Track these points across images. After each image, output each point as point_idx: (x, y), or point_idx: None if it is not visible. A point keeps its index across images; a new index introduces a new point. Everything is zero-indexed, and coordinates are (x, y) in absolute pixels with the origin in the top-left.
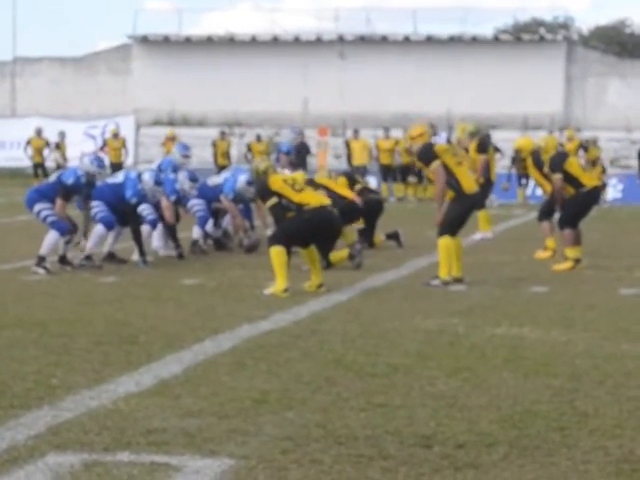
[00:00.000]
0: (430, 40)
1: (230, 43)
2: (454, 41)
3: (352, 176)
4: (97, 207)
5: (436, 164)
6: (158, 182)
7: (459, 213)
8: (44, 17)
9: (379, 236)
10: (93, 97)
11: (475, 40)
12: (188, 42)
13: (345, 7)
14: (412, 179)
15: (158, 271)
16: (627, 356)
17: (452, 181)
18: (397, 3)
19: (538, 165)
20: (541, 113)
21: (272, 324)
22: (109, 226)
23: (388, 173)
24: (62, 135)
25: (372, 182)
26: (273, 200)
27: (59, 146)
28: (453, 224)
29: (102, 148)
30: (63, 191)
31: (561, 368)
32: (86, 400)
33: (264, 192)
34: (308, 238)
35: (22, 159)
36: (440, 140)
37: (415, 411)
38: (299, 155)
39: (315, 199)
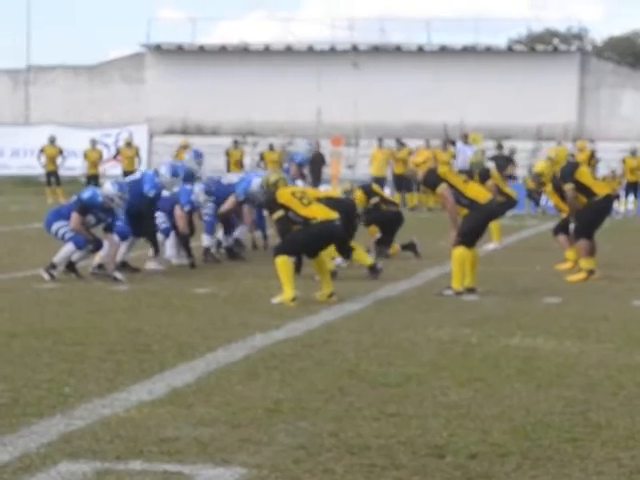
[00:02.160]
0: (444, 50)
1: (244, 52)
2: (468, 51)
3: (369, 189)
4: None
5: (442, 188)
6: (175, 174)
7: (476, 223)
8: (58, 26)
9: (395, 247)
10: (106, 106)
11: (489, 50)
12: (202, 51)
13: (359, 17)
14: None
15: (171, 280)
16: None
17: (463, 200)
18: (411, 13)
19: (559, 191)
20: (555, 124)
21: (285, 333)
22: (123, 237)
23: (402, 183)
24: (93, 142)
25: (387, 194)
26: (279, 213)
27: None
28: (470, 235)
29: (115, 157)
30: (79, 205)
31: (574, 379)
32: (99, 408)
33: (271, 204)
34: (313, 250)
35: (35, 167)
36: (465, 151)
37: (428, 421)
38: (314, 166)
39: (322, 213)
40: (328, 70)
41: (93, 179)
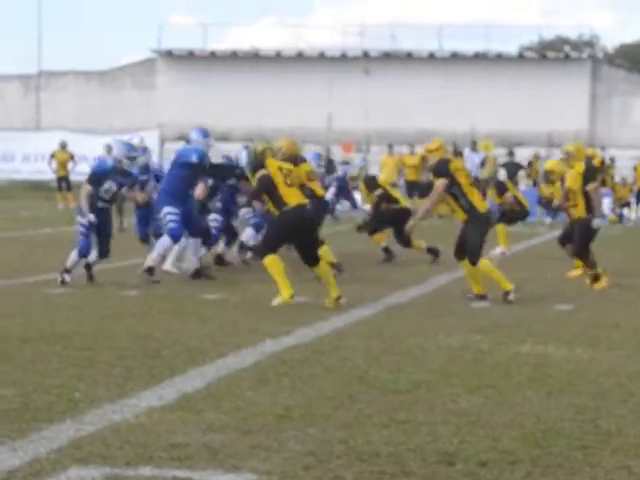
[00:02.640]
0: (455, 57)
1: (255, 58)
2: (479, 58)
3: (372, 181)
4: (170, 214)
5: (441, 181)
6: (205, 135)
7: (479, 235)
8: (69, 31)
9: (420, 243)
10: (117, 111)
11: (500, 57)
12: (213, 57)
13: (370, 23)
14: None
15: (181, 285)
16: None
17: (464, 201)
18: (422, 19)
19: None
20: (566, 131)
21: (295, 340)
22: (176, 239)
23: (414, 189)
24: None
25: None
26: (263, 171)
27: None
28: (479, 249)
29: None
30: (91, 176)
31: (585, 386)
32: (109, 414)
33: (258, 167)
34: (290, 239)
35: (46, 172)
36: (473, 158)
37: (438, 428)
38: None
39: (295, 199)
40: (339, 76)
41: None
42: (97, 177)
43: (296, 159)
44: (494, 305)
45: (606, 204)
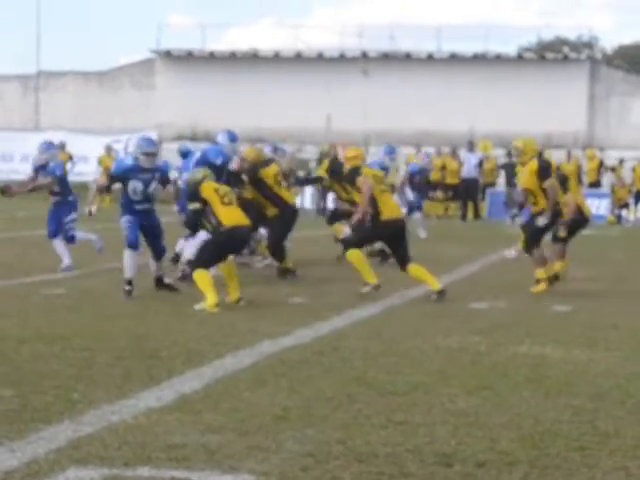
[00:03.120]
0: (454, 57)
1: (253, 59)
2: (478, 59)
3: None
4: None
5: (361, 178)
6: (232, 140)
7: (368, 234)
8: (68, 31)
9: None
10: (116, 111)
11: (499, 58)
12: (211, 57)
13: (369, 24)
14: (439, 195)
15: (179, 286)
16: None
17: (373, 207)
18: (421, 20)
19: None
20: (564, 132)
21: (293, 340)
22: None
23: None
24: (109, 149)
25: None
26: (196, 205)
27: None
28: (359, 240)
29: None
30: (110, 179)
31: (583, 388)
32: (107, 415)
33: (193, 196)
34: (224, 256)
35: None
36: (470, 158)
37: (436, 429)
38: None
39: (234, 219)
40: (338, 77)
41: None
42: (115, 178)
43: (263, 163)
44: (492, 306)
45: (604, 205)
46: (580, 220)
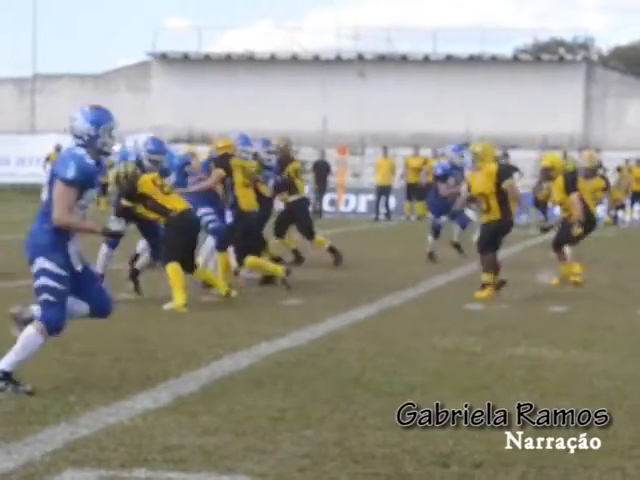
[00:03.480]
0: (450, 59)
1: (249, 61)
2: (474, 61)
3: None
4: (207, 215)
5: (218, 172)
6: (246, 142)
7: (238, 227)
8: (64, 34)
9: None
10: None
11: (495, 60)
12: (207, 60)
13: (365, 26)
14: None
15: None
16: None
17: (231, 195)
18: (417, 22)
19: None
20: (560, 133)
21: (290, 342)
22: (221, 235)
23: (413, 191)
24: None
25: (392, 202)
26: (128, 204)
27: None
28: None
29: None
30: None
31: (579, 389)
32: (104, 417)
33: (130, 193)
34: (186, 243)
35: (41, 175)
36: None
37: (432, 430)
38: (319, 173)
39: (179, 204)
40: (334, 79)
41: (103, 187)
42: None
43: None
44: (489, 307)
45: (601, 206)
46: (591, 221)
